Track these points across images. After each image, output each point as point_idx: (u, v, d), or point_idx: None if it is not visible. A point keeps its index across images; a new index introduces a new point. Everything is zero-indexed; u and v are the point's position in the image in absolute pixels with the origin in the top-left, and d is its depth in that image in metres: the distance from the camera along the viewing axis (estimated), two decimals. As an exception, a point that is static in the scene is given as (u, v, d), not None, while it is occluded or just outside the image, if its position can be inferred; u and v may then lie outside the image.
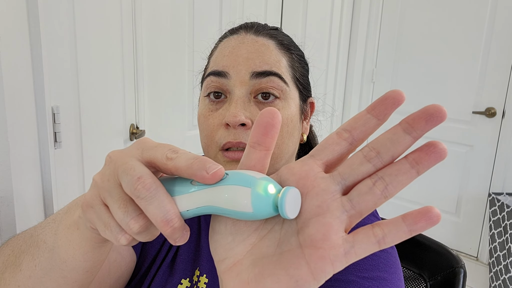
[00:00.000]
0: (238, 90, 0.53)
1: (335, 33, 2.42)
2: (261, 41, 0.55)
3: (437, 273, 0.67)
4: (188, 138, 1.67)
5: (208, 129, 0.54)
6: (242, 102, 0.52)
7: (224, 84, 0.53)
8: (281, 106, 0.54)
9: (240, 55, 0.53)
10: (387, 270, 0.48)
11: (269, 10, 1.97)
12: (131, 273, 0.58)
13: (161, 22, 1.46)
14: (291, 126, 0.55)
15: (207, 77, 0.55)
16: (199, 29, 1.61)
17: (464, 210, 2.41)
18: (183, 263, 0.58)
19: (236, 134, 0.51)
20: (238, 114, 0.50)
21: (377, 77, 2.65)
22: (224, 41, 0.58)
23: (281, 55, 0.56)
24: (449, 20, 2.30)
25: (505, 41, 2.15)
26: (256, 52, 0.54)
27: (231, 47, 0.55)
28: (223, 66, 0.54)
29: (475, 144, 2.32)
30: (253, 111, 0.52)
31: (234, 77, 0.53)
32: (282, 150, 0.54)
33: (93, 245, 0.36)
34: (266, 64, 0.53)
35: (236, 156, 0.51)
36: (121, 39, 1.30)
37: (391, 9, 2.53)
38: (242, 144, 0.51)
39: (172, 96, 1.57)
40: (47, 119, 1.02)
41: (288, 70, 0.56)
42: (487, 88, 2.23)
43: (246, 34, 0.56)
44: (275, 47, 0.56)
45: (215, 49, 0.59)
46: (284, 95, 0.54)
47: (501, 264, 1.97)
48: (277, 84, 0.53)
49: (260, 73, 0.52)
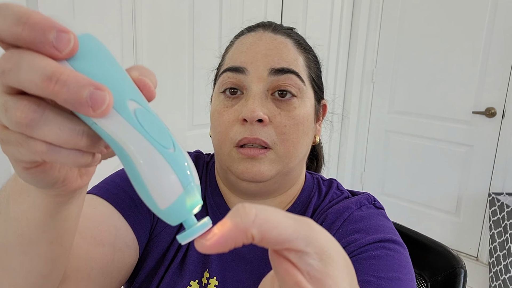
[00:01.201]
0: (255, 86, 0.52)
1: (335, 33, 2.42)
2: (279, 39, 0.55)
3: (437, 273, 0.67)
4: (188, 138, 1.67)
5: (222, 125, 0.53)
6: (259, 98, 0.51)
7: (241, 80, 0.53)
8: (298, 104, 0.53)
9: (259, 51, 0.53)
10: (401, 270, 0.48)
11: (269, 10, 1.97)
12: (133, 268, 0.56)
13: (161, 22, 1.45)
14: (306, 125, 0.54)
15: (223, 73, 0.55)
16: (199, 29, 1.61)
17: (464, 210, 2.41)
18: (193, 264, 0.57)
19: (253, 130, 0.51)
20: (256, 110, 0.50)
21: (377, 77, 2.64)
22: (240, 38, 0.57)
23: (299, 54, 0.56)
24: (449, 20, 2.30)
25: (505, 41, 2.15)
26: (275, 49, 0.53)
27: (249, 44, 0.55)
28: (240, 62, 0.53)
29: (475, 144, 2.32)
30: (270, 108, 0.52)
31: (252, 73, 0.52)
32: (297, 149, 0.54)
33: (49, 212, 0.31)
34: (285, 62, 0.53)
35: (251, 153, 0.51)
36: (121, 39, 1.30)
37: (391, 9, 2.53)
38: (259, 141, 0.51)
39: (172, 96, 1.57)
40: (47, 119, 1.02)
41: (305, 69, 0.56)
42: (487, 88, 2.23)
43: (264, 31, 0.56)
44: (293, 45, 0.55)
45: (231, 46, 0.59)
46: (301, 94, 0.54)
47: (501, 264, 1.97)
48: (295, 82, 0.53)
49: (279, 70, 0.52)
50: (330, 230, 0.53)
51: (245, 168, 0.52)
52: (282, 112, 0.52)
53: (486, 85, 2.23)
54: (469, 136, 2.33)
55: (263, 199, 0.58)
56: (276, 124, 0.52)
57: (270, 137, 0.51)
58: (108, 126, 0.23)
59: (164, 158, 0.23)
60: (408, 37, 2.47)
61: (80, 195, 0.34)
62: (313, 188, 0.62)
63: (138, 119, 0.23)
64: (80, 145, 0.23)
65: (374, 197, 0.60)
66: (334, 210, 0.56)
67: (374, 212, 0.56)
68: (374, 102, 2.69)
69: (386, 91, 2.62)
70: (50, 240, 0.34)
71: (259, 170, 0.51)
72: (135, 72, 0.26)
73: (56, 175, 0.27)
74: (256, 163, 0.52)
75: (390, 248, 0.50)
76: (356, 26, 2.54)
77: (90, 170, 0.31)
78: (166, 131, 0.25)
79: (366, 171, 2.81)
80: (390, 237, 0.51)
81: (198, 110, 1.68)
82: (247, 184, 0.54)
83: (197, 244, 0.23)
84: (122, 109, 0.23)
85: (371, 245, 0.49)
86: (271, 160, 0.52)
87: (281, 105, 0.53)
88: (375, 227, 0.52)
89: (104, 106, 0.21)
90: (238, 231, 0.22)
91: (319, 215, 0.57)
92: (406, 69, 2.51)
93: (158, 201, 0.24)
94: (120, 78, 0.24)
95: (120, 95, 0.23)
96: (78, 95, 0.21)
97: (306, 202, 0.60)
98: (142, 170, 0.23)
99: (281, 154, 0.52)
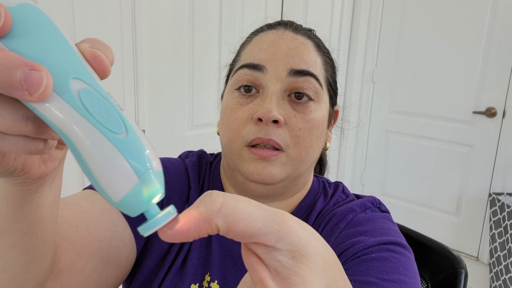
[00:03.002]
0: (273, 86, 0.51)
1: (335, 33, 2.42)
2: (300, 39, 0.54)
3: (438, 274, 0.67)
4: (188, 138, 1.66)
5: (235, 123, 0.52)
6: (276, 98, 0.50)
7: (258, 78, 0.52)
8: (314, 108, 0.52)
9: (280, 50, 0.52)
10: (407, 273, 0.47)
11: (269, 10, 1.97)
12: (130, 266, 0.55)
13: (161, 22, 1.45)
14: (320, 130, 0.54)
15: (240, 69, 0.53)
16: (199, 29, 1.60)
17: (464, 210, 2.41)
18: (193, 267, 0.56)
19: (268, 131, 0.50)
20: (272, 110, 0.49)
21: (377, 77, 2.64)
22: (260, 35, 0.56)
23: (318, 56, 0.55)
24: (449, 20, 2.30)
25: (505, 41, 2.15)
26: (296, 49, 0.52)
27: (269, 41, 0.53)
28: (259, 59, 0.52)
29: (476, 144, 2.31)
30: (286, 109, 0.51)
31: (270, 71, 0.51)
32: (308, 154, 0.53)
33: (16, 201, 0.29)
34: (305, 63, 0.52)
35: (264, 154, 0.50)
36: (121, 39, 1.29)
37: (391, 9, 2.52)
38: (272, 142, 0.50)
39: (172, 96, 1.56)
40: (46, 119, 1.02)
41: (323, 72, 0.55)
42: (488, 88, 2.23)
43: (285, 30, 0.55)
44: (313, 47, 0.54)
45: (248, 42, 0.57)
46: (318, 97, 0.53)
47: (502, 264, 1.97)
48: (313, 85, 0.52)
49: (298, 72, 0.51)
50: (333, 232, 0.53)
51: (255, 168, 0.50)
52: (298, 114, 0.51)
53: (486, 85, 2.23)
54: (470, 136, 2.32)
55: (269, 202, 0.57)
56: (291, 127, 0.51)
57: (284, 139, 0.50)
58: (48, 110, 0.20)
59: (112, 144, 0.21)
60: (408, 37, 2.47)
61: (52, 182, 0.31)
62: (319, 191, 0.61)
63: (82, 101, 0.21)
64: (26, 131, 0.21)
65: (379, 201, 0.59)
66: (338, 212, 0.55)
67: (379, 215, 0.56)
68: (374, 102, 2.68)
69: (386, 91, 2.61)
70: (23, 230, 0.32)
71: (270, 172, 0.50)
72: (86, 44, 0.23)
73: (12, 163, 0.25)
74: (268, 164, 0.50)
75: (396, 251, 0.49)
76: (356, 26, 2.54)
77: (54, 156, 0.28)
78: (116, 114, 0.22)
79: (366, 171, 2.81)
80: (396, 240, 0.50)
81: (198, 110, 1.68)
82: (254, 186, 0.53)
83: (160, 233, 0.22)
84: (63, 91, 0.20)
85: (375, 247, 0.49)
86: (282, 162, 0.51)
87: (297, 107, 0.52)
88: (380, 230, 0.52)
89: (41, 89, 0.19)
90: (202, 220, 0.21)
91: (323, 217, 0.57)
92: (406, 69, 2.50)
93: (110, 192, 0.21)
94: (63, 54, 0.21)
95: (62, 74, 0.20)
96: (10, 77, 0.18)
97: (311, 205, 0.59)
98: (89, 159, 0.21)
99: (293, 158, 0.52)
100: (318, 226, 0.56)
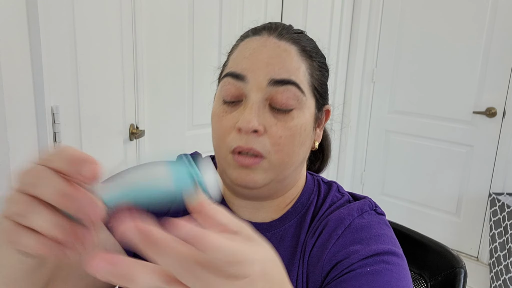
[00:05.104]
0: (254, 95, 0.52)
1: (335, 33, 2.42)
2: (283, 46, 0.54)
3: (437, 274, 0.67)
4: (188, 138, 1.67)
5: (220, 130, 0.54)
6: (257, 107, 0.51)
7: (241, 88, 0.53)
8: (296, 115, 0.53)
9: (261, 59, 0.53)
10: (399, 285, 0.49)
11: (269, 10, 1.97)
12: None
13: (161, 22, 1.45)
14: (303, 136, 0.54)
15: (225, 77, 0.55)
16: (199, 29, 1.61)
17: (464, 210, 2.41)
18: None
19: (248, 140, 0.51)
20: (251, 121, 0.50)
21: (377, 77, 2.64)
22: (245, 41, 0.56)
23: (302, 61, 0.54)
24: (449, 20, 2.30)
25: (505, 41, 2.15)
26: (277, 58, 0.53)
27: (252, 49, 0.54)
28: (242, 68, 0.53)
29: (476, 144, 2.31)
30: (267, 117, 0.52)
31: (251, 81, 0.52)
32: (291, 159, 0.54)
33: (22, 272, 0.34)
34: (286, 72, 0.52)
35: (246, 161, 0.51)
36: (120, 39, 1.30)
37: (391, 9, 2.52)
38: (253, 150, 0.51)
39: (172, 96, 1.57)
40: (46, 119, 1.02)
41: (307, 78, 0.55)
42: (488, 88, 2.23)
43: (269, 36, 0.55)
44: (296, 53, 0.54)
45: (236, 48, 0.58)
46: (300, 105, 0.53)
47: (502, 265, 1.97)
48: (294, 93, 0.52)
49: (278, 81, 0.52)
50: (331, 238, 0.54)
51: (239, 175, 0.52)
52: (278, 123, 0.52)
53: (486, 85, 2.23)
54: (470, 136, 2.33)
55: (260, 201, 0.59)
56: (272, 135, 0.52)
57: (265, 147, 0.52)
58: None
59: None
60: (408, 37, 2.47)
61: None
62: (314, 190, 0.62)
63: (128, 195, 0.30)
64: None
65: (375, 203, 0.60)
66: (335, 216, 0.56)
67: (376, 220, 0.57)
68: (374, 102, 2.68)
69: (386, 91, 2.62)
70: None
71: (252, 178, 0.52)
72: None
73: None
74: (250, 171, 0.52)
75: (389, 262, 0.50)
76: (356, 26, 2.54)
77: None
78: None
79: (366, 171, 2.81)
80: (389, 249, 0.52)
81: (198, 110, 1.68)
82: (241, 189, 0.55)
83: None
84: None
85: (370, 259, 0.50)
86: (264, 169, 0.53)
87: (278, 115, 0.52)
88: (376, 237, 0.53)
89: None
90: None
91: (320, 220, 0.57)
92: (406, 69, 2.50)
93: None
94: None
95: None
96: None
97: (306, 204, 0.60)
98: None
99: (275, 164, 0.53)
100: (316, 229, 0.56)
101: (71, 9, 1.11)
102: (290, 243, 0.57)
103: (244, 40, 0.57)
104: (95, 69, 1.20)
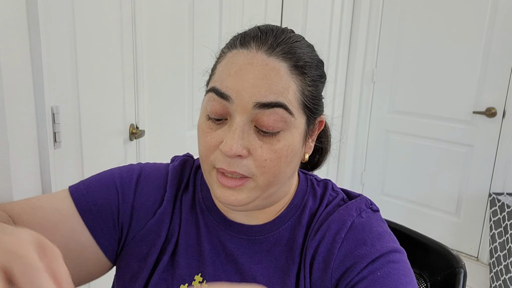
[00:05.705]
0: (239, 117, 0.49)
1: (335, 33, 2.42)
2: (271, 64, 0.49)
3: (437, 273, 0.67)
4: (188, 138, 1.67)
5: (205, 147, 0.52)
6: (240, 131, 0.49)
7: (226, 106, 0.50)
8: (283, 137, 0.50)
9: (246, 79, 0.49)
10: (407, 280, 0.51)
11: (269, 10, 1.97)
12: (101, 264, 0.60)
13: (161, 22, 1.45)
14: (290, 156, 0.52)
15: (210, 92, 0.52)
16: (199, 29, 1.61)
17: (464, 210, 2.41)
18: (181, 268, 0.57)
19: (231, 163, 0.50)
20: (233, 147, 0.48)
21: (377, 77, 2.64)
22: (233, 53, 0.52)
23: (292, 80, 0.50)
24: (449, 20, 2.30)
25: (505, 41, 2.15)
26: (264, 79, 0.48)
27: (238, 67, 0.50)
28: (226, 87, 0.49)
29: (476, 144, 2.32)
30: (252, 140, 0.50)
31: (236, 102, 0.49)
32: (278, 178, 0.52)
33: None
34: (273, 94, 0.48)
35: (229, 184, 0.50)
36: (120, 39, 1.30)
37: (391, 9, 2.53)
38: (237, 174, 0.50)
39: (172, 96, 1.57)
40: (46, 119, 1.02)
41: (296, 97, 0.51)
42: (488, 88, 2.23)
43: (257, 51, 0.50)
44: (286, 71, 0.50)
45: (223, 58, 0.54)
46: (288, 126, 0.50)
47: (502, 265, 1.97)
48: (281, 116, 0.49)
49: (265, 104, 0.48)
50: (335, 242, 0.54)
51: (222, 194, 0.51)
52: (264, 145, 0.50)
53: (486, 85, 2.23)
54: (470, 136, 2.33)
55: (250, 211, 0.58)
56: (257, 157, 0.50)
57: (249, 169, 0.50)
58: None
59: None
60: (408, 37, 2.47)
61: None
62: (307, 190, 0.61)
63: None
64: None
65: (370, 201, 0.60)
66: (335, 218, 0.56)
67: (373, 217, 0.57)
68: (374, 102, 2.69)
69: (386, 91, 2.62)
70: None
71: (236, 198, 0.51)
72: None
73: None
74: (234, 192, 0.51)
75: (394, 261, 0.52)
76: (356, 26, 2.54)
77: None
78: None
79: (366, 171, 2.81)
80: (392, 247, 0.53)
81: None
82: (226, 206, 0.54)
83: None
84: None
85: (377, 262, 0.51)
86: (249, 188, 0.51)
87: (263, 138, 0.50)
88: (378, 236, 0.54)
89: None
90: None
91: (320, 222, 0.57)
92: (406, 69, 2.51)
93: None
94: None
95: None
96: None
97: (300, 205, 0.59)
98: None
99: (261, 184, 0.51)
100: (316, 231, 0.56)
101: (71, 9, 1.11)
102: (285, 246, 0.57)
103: (231, 51, 0.53)
104: (95, 69, 1.20)
